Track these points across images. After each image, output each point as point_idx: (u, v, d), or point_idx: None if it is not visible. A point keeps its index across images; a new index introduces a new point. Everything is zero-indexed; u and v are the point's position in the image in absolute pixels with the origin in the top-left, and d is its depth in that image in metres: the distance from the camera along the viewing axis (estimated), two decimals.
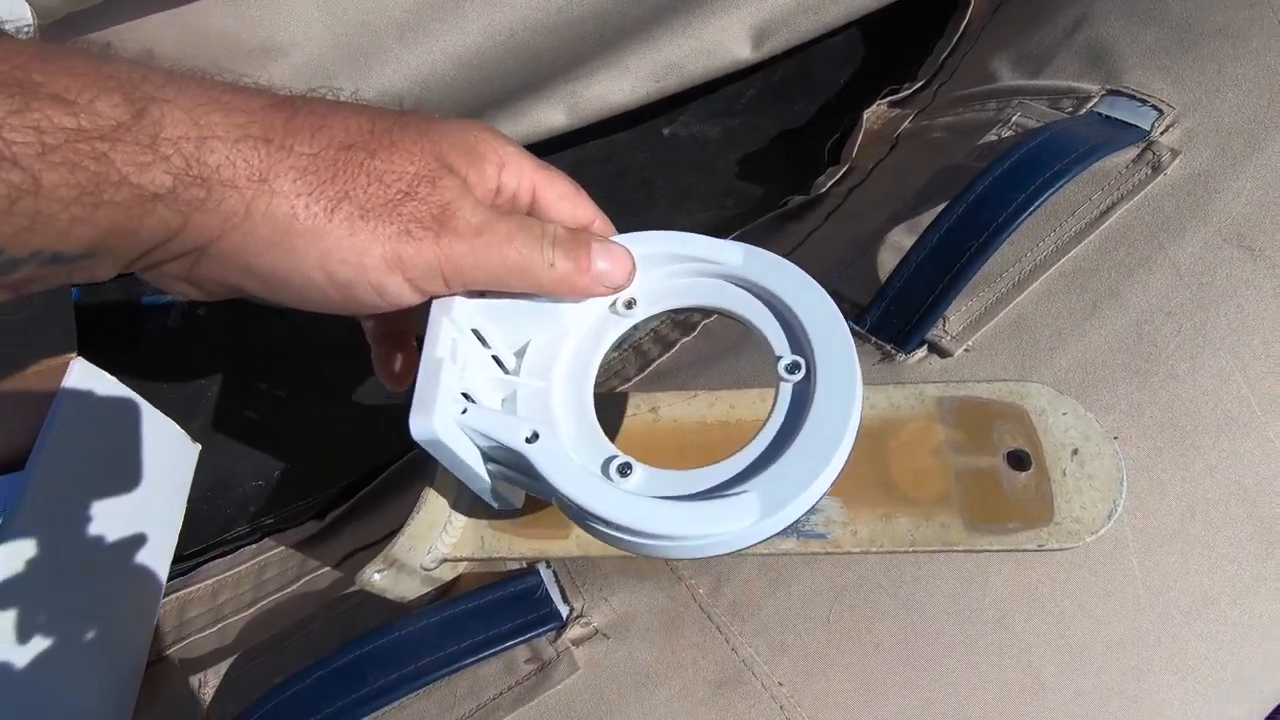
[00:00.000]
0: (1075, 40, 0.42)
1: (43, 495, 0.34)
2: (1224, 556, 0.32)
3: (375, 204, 0.21)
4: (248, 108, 0.20)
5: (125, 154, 0.18)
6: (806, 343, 0.25)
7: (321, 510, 0.42)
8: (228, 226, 0.20)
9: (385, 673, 0.30)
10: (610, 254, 0.25)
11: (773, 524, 0.22)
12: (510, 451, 0.24)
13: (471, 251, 0.23)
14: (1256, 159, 0.35)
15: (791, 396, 0.24)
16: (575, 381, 0.26)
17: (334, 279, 0.21)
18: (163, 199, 0.18)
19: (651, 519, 0.22)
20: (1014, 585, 0.32)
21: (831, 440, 0.23)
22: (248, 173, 0.20)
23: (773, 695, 0.31)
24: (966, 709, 0.31)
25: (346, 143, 0.21)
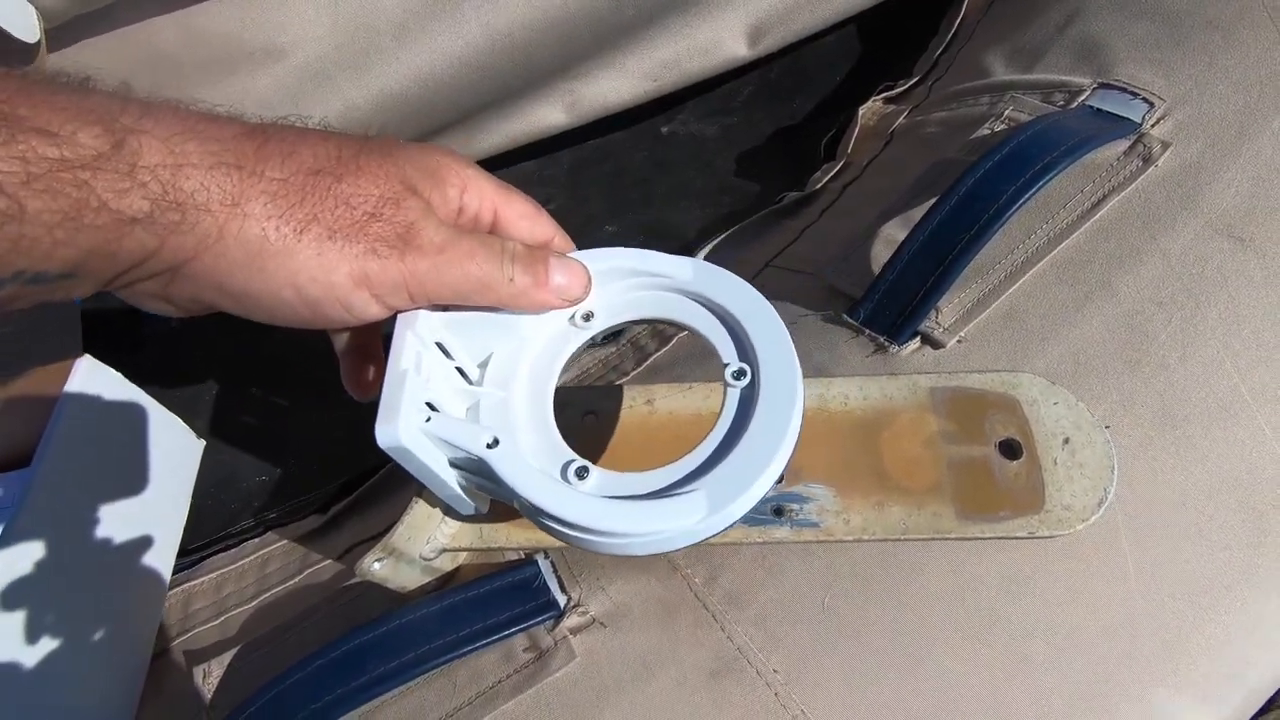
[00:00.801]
0: (1067, 34, 0.43)
1: (49, 491, 0.34)
2: (1216, 544, 0.33)
3: (342, 225, 0.22)
4: (221, 136, 0.21)
5: (105, 182, 0.19)
6: (752, 351, 0.26)
7: (323, 505, 0.43)
8: (201, 248, 0.21)
9: (385, 661, 0.31)
10: (567, 269, 0.27)
11: (718, 520, 0.24)
12: (473, 458, 0.25)
13: (435, 268, 0.24)
14: (1246, 150, 0.35)
15: (738, 401, 0.26)
16: (536, 390, 0.27)
17: (303, 296, 0.23)
18: (140, 223, 0.20)
19: (603, 518, 0.23)
20: (1006, 572, 0.32)
21: (773, 442, 0.24)
22: (221, 197, 0.21)
23: (767, 682, 0.31)
24: (958, 694, 0.31)
25: (315, 168, 0.23)
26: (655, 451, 0.33)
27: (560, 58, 0.51)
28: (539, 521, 0.25)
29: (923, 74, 0.51)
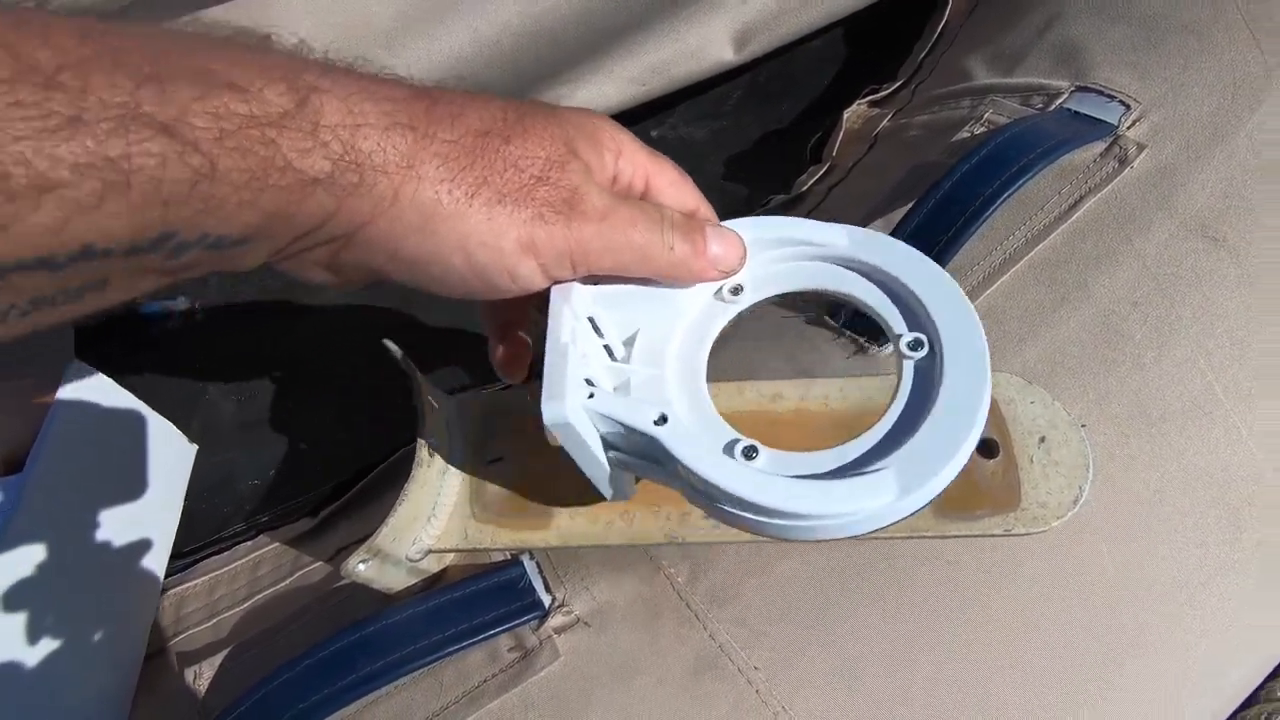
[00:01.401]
0: (1047, 38, 0.43)
1: (42, 496, 0.35)
2: (1192, 540, 0.33)
3: (511, 189, 0.22)
4: (393, 97, 0.21)
5: (290, 140, 0.18)
6: (927, 319, 0.25)
7: (315, 508, 0.43)
8: (376, 212, 0.20)
9: (371, 660, 0.31)
10: (723, 238, 0.26)
11: (911, 502, 0.22)
12: (636, 436, 0.23)
13: (598, 235, 0.23)
14: (1220, 152, 0.36)
15: (915, 374, 0.24)
16: (687, 368, 0.25)
17: (472, 262, 0.22)
18: (321, 184, 0.19)
19: (791, 499, 0.22)
20: (986, 570, 0.32)
21: (967, 416, 0.22)
22: (396, 159, 0.20)
23: (749, 680, 0.31)
24: (939, 691, 0.31)
25: (483, 129, 0.22)
26: None
27: (548, 64, 0.52)
28: (710, 505, 0.23)
29: (907, 77, 0.52)
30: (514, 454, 0.34)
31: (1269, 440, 0.33)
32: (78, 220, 0.16)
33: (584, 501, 0.33)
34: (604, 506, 0.33)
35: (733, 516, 0.23)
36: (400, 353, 0.33)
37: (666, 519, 0.32)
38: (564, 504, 0.33)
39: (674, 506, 0.32)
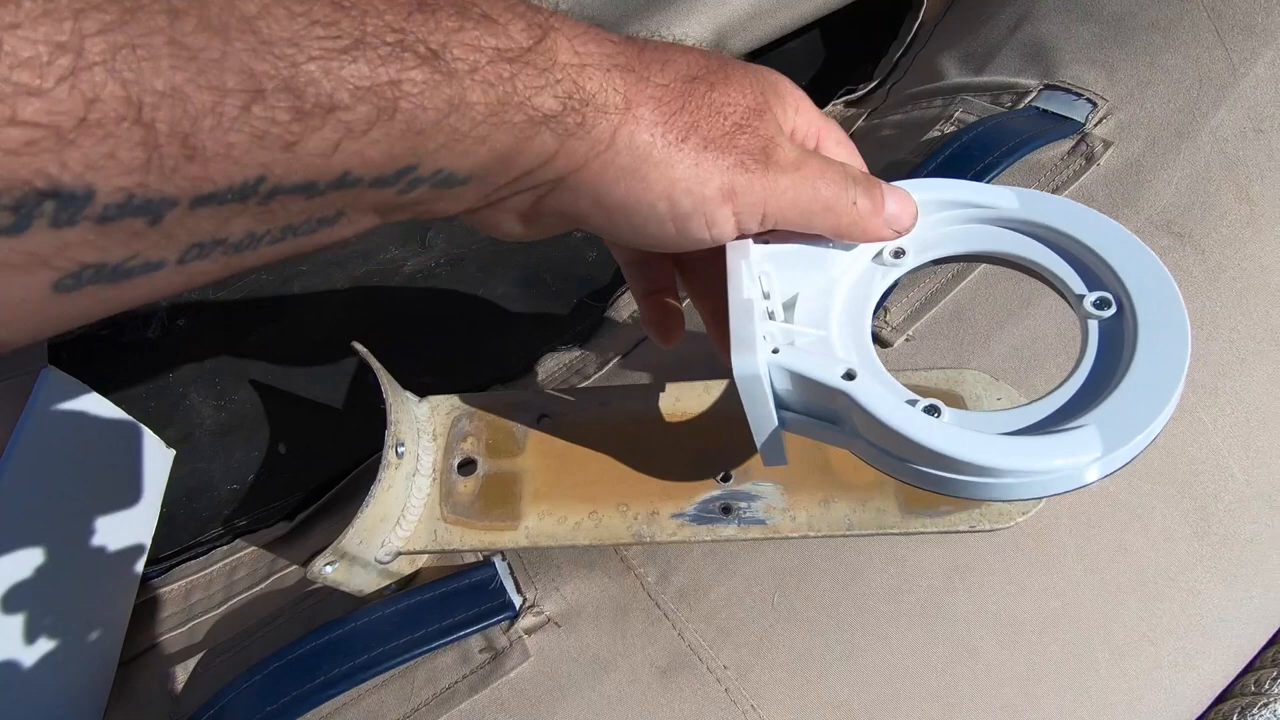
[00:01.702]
0: (1017, 37, 0.43)
1: (13, 501, 0.35)
2: (1159, 535, 0.33)
3: (715, 135, 0.22)
4: (612, 39, 0.21)
5: (526, 77, 0.18)
6: (1111, 277, 0.24)
7: (291, 512, 0.43)
8: (592, 154, 0.20)
9: (341, 662, 0.31)
10: (898, 197, 0.25)
11: (1114, 459, 0.21)
12: (819, 392, 0.23)
13: (791, 186, 0.23)
14: (1185, 148, 0.36)
15: (1100, 333, 0.23)
16: (854, 330, 0.25)
17: (676, 209, 0.22)
18: (547, 123, 0.19)
19: (996, 454, 0.21)
20: (950, 565, 0.32)
21: (1173, 371, 0.22)
22: (617, 100, 0.20)
23: (718, 678, 0.31)
24: (904, 684, 0.31)
25: (690, 75, 0.22)
26: (610, 451, 0.34)
27: None
28: (898, 463, 0.22)
29: (882, 77, 0.52)
30: (484, 456, 0.35)
31: (1234, 434, 0.34)
32: (346, 146, 0.16)
33: (553, 502, 0.33)
34: (571, 508, 0.33)
35: (922, 475, 0.22)
36: (370, 356, 0.33)
37: (634, 519, 0.32)
38: (533, 505, 0.33)
39: (642, 506, 0.32)
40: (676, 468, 0.33)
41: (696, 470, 0.33)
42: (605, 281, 0.53)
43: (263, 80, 0.14)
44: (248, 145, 0.14)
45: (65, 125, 0.12)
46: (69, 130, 0.12)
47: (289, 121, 0.15)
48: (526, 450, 0.34)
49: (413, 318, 0.54)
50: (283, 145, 0.15)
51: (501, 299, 0.54)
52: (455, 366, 0.51)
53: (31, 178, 0.12)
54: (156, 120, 0.13)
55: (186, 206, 0.14)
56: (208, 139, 0.14)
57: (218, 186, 0.14)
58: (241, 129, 0.14)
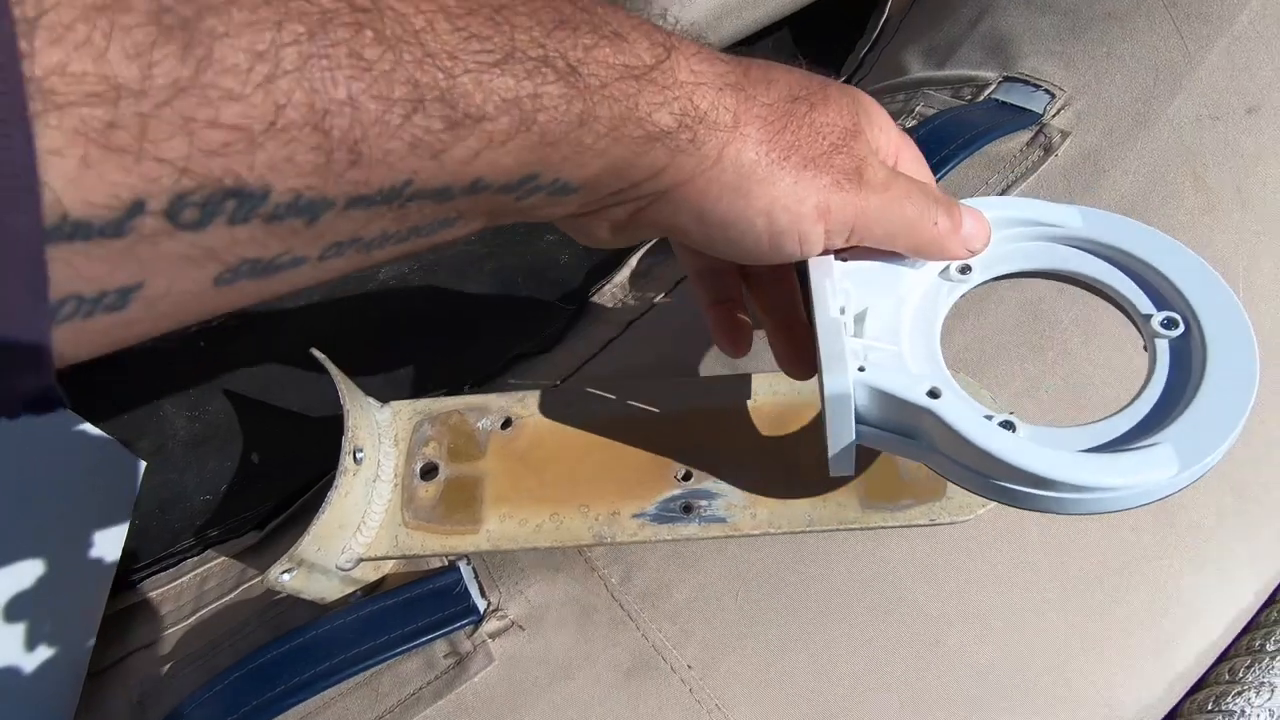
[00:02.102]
0: (978, 31, 0.43)
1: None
2: (1123, 525, 0.33)
3: (814, 154, 0.22)
4: (719, 58, 0.21)
5: (648, 94, 0.19)
6: (1178, 297, 0.25)
7: (262, 521, 0.43)
8: (698, 170, 0.21)
9: (302, 670, 0.31)
10: (974, 217, 0.26)
11: (1189, 475, 0.22)
12: (901, 409, 0.23)
13: (881, 205, 0.24)
14: (1143, 136, 0.36)
15: (1171, 352, 0.24)
16: (924, 345, 0.25)
17: (774, 225, 0.22)
18: (662, 139, 0.19)
19: (1077, 470, 0.21)
20: (915, 559, 0.32)
21: (1244, 390, 0.23)
22: (728, 119, 0.21)
23: (682, 678, 0.31)
24: (872, 680, 0.31)
25: (793, 95, 0.23)
26: (573, 457, 0.34)
27: None
28: (977, 478, 0.23)
29: (848, 74, 0.52)
30: (446, 460, 0.34)
31: None
32: (485, 154, 0.16)
33: (515, 505, 0.33)
34: (532, 510, 0.33)
35: (1002, 490, 0.23)
36: (328, 362, 0.33)
37: (595, 520, 0.32)
38: (494, 508, 0.33)
39: (603, 507, 0.32)
40: (638, 467, 0.33)
41: (658, 469, 0.33)
42: (577, 284, 0.53)
43: (424, 91, 0.15)
44: (404, 152, 0.15)
45: (257, 129, 0.13)
46: (259, 133, 0.13)
47: (441, 130, 0.15)
48: (488, 454, 0.34)
49: (386, 324, 0.54)
50: (432, 153, 0.16)
51: (475, 304, 0.54)
52: (428, 372, 0.51)
53: (222, 176, 0.13)
54: (333, 127, 0.14)
55: (341, 208, 0.15)
56: (373, 145, 0.15)
57: (371, 189, 0.15)
58: (401, 136, 0.15)
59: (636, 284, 0.51)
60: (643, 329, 0.45)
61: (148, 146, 0.12)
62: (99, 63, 0.11)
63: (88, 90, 0.11)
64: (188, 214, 0.13)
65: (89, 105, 0.11)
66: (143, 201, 0.13)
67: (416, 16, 0.15)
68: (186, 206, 0.13)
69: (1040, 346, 0.34)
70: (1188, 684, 0.37)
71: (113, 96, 0.12)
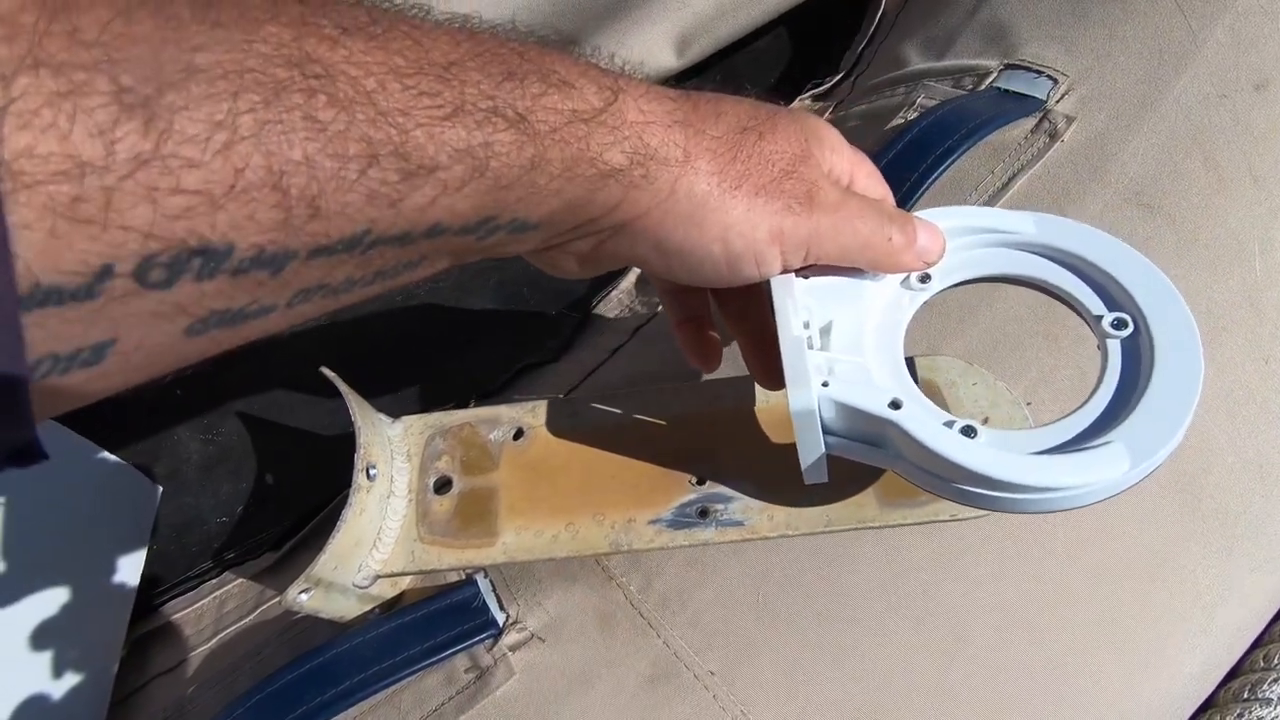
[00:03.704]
0: (977, 19, 0.43)
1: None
2: (1149, 514, 0.33)
3: (764, 181, 0.23)
4: (671, 96, 0.23)
5: (598, 136, 0.20)
6: (1127, 298, 0.26)
7: (278, 541, 0.43)
8: (653, 203, 0.22)
9: (323, 689, 0.31)
10: (928, 230, 0.27)
11: (1141, 471, 0.23)
12: (864, 420, 0.24)
13: (833, 226, 0.24)
14: (1149, 118, 0.35)
15: (1122, 352, 0.25)
16: (888, 356, 0.26)
17: (729, 251, 0.23)
18: (615, 176, 0.21)
19: (1034, 473, 0.22)
20: (937, 555, 0.32)
21: (1189, 385, 0.23)
22: (678, 154, 0.22)
23: (705, 685, 0.31)
24: (898, 679, 0.31)
25: (741, 126, 0.24)
26: (586, 466, 0.34)
27: None
28: (940, 483, 0.24)
29: (848, 69, 0.52)
30: (460, 474, 0.34)
31: (1217, 405, 0.33)
32: (441, 201, 0.17)
33: (530, 516, 0.33)
34: (547, 521, 0.32)
35: (964, 494, 0.24)
36: (338, 380, 0.33)
37: (611, 528, 0.32)
38: (510, 520, 0.33)
39: (618, 515, 0.32)
40: (652, 473, 0.33)
41: (672, 474, 0.32)
42: (582, 293, 0.53)
43: (378, 146, 0.16)
44: (361, 204, 0.16)
45: (217, 192, 0.14)
46: (220, 196, 0.14)
47: (397, 181, 0.17)
48: (501, 465, 0.34)
49: (396, 342, 0.54)
50: (389, 203, 0.17)
51: (483, 317, 0.54)
52: (438, 387, 0.51)
53: (186, 238, 0.14)
54: (291, 186, 0.15)
55: (304, 258, 0.16)
56: (330, 200, 0.16)
57: (331, 240, 0.16)
58: (358, 190, 0.16)
59: (641, 290, 0.51)
60: (649, 334, 0.44)
61: (113, 216, 0.13)
62: (64, 143, 0.12)
63: (54, 169, 0.12)
64: (155, 274, 0.14)
65: (55, 183, 0.12)
66: (111, 266, 0.13)
67: (368, 79, 0.16)
68: (153, 267, 0.14)
69: (1054, 335, 0.34)
70: (1222, 672, 0.36)
71: (78, 173, 0.12)
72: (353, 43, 0.16)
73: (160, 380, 0.18)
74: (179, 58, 0.14)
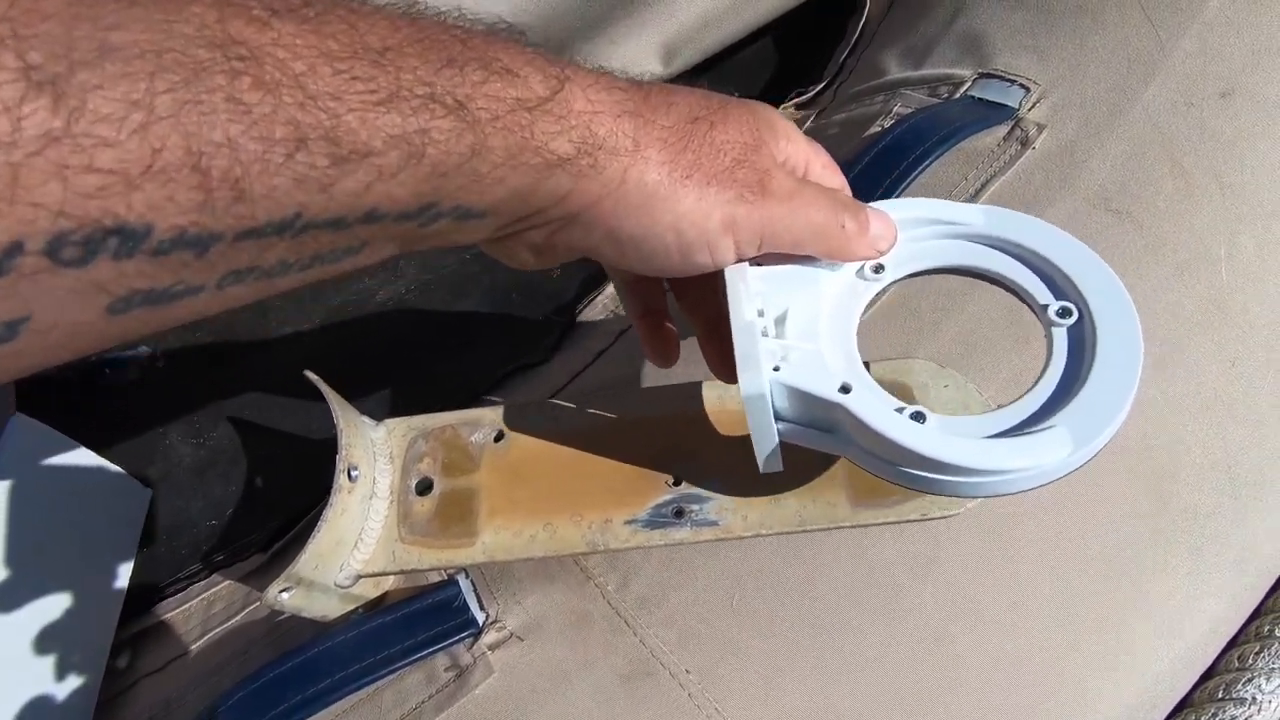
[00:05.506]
0: (953, 29, 0.44)
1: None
2: (1117, 516, 0.33)
3: (716, 171, 0.23)
4: (621, 87, 0.23)
5: (543, 124, 0.20)
6: (1071, 288, 0.26)
7: (266, 543, 0.44)
8: (604, 193, 0.22)
9: (304, 687, 0.31)
10: (880, 219, 0.27)
11: (1083, 454, 0.23)
12: (815, 405, 0.25)
13: (787, 214, 0.24)
14: (1118, 126, 0.36)
15: (1068, 339, 0.26)
16: (841, 343, 0.27)
17: (681, 240, 0.23)
18: (562, 165, 0.21)
19: (977, 456, 0.23)
20: (910, 555, 0.32)
21: (1129, 370, 0.24)
22: (627, 144, 0.22)
23: (680, 684, 0.31)
24: (871, 680, 0.31)
25: (692, 116, 0.24)
26: (565, 467, 0.34)
27: None
28: (888, 467, 0.25)
29: (830, 78, 0.53)
30: (441, 475, 0.35)
31: (1186, 406, 0.33)
32: (376, 187, 0.17)
33: (508, 516, 0.33)
34: (526, 521, 0.33)
35: (912, 477, 0.24)
36: (321, 383, 0.34)
37: (588, 528, 0.32)
38: (489, 521, 0.33)
39: (595, 515, 0.33)
40: (629, 474, 0.33)
41: (649, 475, 0.33)
42: (569, 297, 0.53)
43: (307, 130, 0.16)
44: (289, 187, 0.16)
45: (133, 172, 0.14)
46: (136, 176, 0.14)
47: (327, 166, 0.16)
48: (482, 467, 0.35)
49: (385, 345, 0.55)
50: (320, 187, 0.17)
51: (470, 320, 0.55)
52: (425, 390, 0.51)
53: (101, 217, 0.14)
54: (212, 167, 0.15)
55: (230, 240, 0.16)
56: (255, 183, 0.15)
57: (259, 223, 0.16)
58: (285, 173, 0.16)
59: None
60: (632, 339, 0.45)
61: (20, 193, 0.13)
62: None
63: None
64: (68, 252, 0.14)
65: None
66: (20, 242, 0.13)
67: (296, 62, 0.16)
68: (66, 245, 0.14)
69: (1025, 338, 0.34)
70: (1196, 673, 0.37)
71: None
72: (283, 25, 0.16)
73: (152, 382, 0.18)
74: (93, 35, 0.13)
